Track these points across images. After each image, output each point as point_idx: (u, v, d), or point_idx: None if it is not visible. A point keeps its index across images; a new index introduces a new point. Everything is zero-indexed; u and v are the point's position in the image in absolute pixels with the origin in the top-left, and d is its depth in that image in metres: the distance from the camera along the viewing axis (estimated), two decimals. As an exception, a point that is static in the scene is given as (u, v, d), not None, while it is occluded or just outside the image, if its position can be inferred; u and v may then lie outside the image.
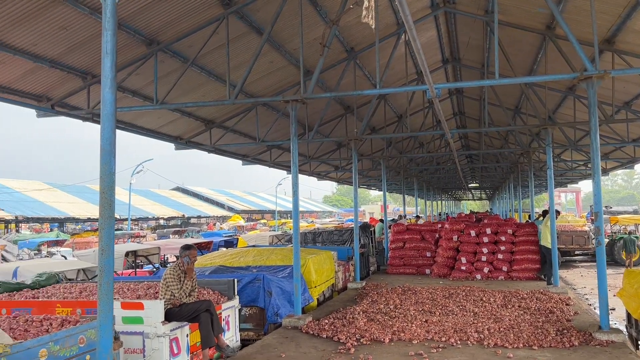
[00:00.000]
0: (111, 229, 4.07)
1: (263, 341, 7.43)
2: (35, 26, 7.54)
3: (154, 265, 13.71)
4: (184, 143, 13.89)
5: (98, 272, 4.01)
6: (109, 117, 4.11)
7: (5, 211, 32.87)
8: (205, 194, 66.04)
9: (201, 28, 8.87)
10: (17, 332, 4.64)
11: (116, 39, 4.19)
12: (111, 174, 4.08)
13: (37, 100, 9.55)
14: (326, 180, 28.91)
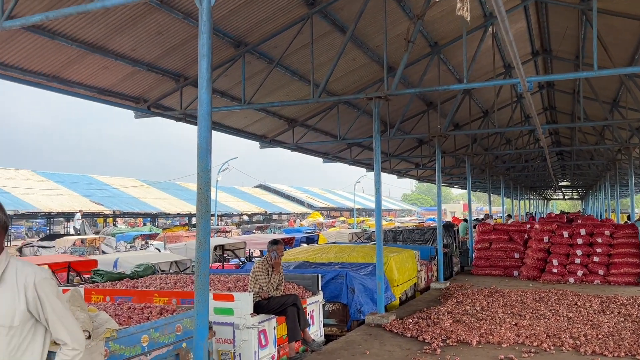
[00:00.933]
0: (207, 223, 4.26)
1: (347, 337, 7.48)
2: (134, 32, 8.05)
3: (240, 259, 14.21)
4: (268, 141, 14.28)
5: (195, 263, 4.22)
6: (205, 117, 4.31)
7: (104, 206, 35.44)
8: (285, 191, 67.49)
9: (286, 29, 9.06)
10: (122, 318, 4.99)
11: (211, 42, 4.38)
12: (207, 171, 4.28)
13: (135, 102, 10.20)
14: (406, 177, 28.57)
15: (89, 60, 8.39)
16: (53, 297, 2.42)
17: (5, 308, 2.29)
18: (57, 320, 2.42)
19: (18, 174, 36.35)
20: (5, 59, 7.74)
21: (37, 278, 2.38)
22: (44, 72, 8.34)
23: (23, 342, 2.35)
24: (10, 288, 2.33)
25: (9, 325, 2.29)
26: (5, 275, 2.34)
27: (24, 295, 2.34)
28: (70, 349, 2.47)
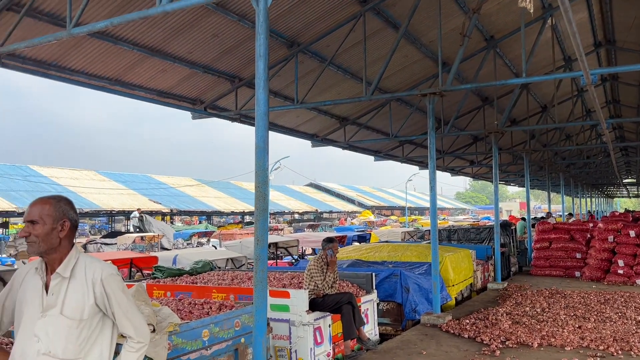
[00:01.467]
0: (265, 221, 4.33)
1: (402, 337, 7.41)
2: (190, 36, 8.28)
3: (293, 256, 14.34)
4: (319, 140, 14.34)
5: (254, 260, 4.29)
6: (263, 117, 4.37)
7: (162, 204, 36.62)
8: (336, 189, 67.58)
9: (338, 27, 9.07)
10: (183, 313, 5.13)
11: (268, 42, 4.44)
12: (265, 170, 4.34)
13: (192, 103, 10.49)
14: (460, 175, 27.98)
15: (148, 64, 8.70)
16: (119, 292, 2.52)
17: (75, 302, 2.40)
18: (123, 315, 2.52)
19: (82, 174, 38.14)
20: (72, 65, 8.14)
21: (104, 274, 2.48)
22: (107, 76, 8.72)
23: (92, 334, 2.45)
24: (79, 283, 2.44)
25: (79, 318, 2.40)
26: (75, 270, 2.45)
27: (92, 290, 2.44)
28: (135, 342, 2.56)
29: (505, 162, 23.10)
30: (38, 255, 2.46)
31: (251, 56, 9.36)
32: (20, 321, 2.43)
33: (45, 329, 2.36)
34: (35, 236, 2.39)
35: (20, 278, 2.52)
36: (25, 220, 2.43)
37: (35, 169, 35.13)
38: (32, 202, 2.49)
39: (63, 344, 2.36)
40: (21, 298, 2.46)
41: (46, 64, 7.81)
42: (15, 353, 2.39)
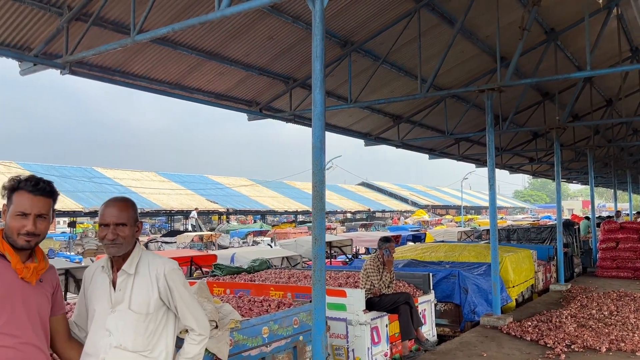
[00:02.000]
0: (322, 220, 4.36)
1: (461, 338, 7.27)
2: (247, 39, 8.44)
3: (347, 256, 14.36)
4: (373, 139, 14.26)
5: (312, 259, 4.33)
6: (319, 117, 4.41)
7: (219, 204, 37.56)
8: (388, 188, 67.06)
9: (392, 25, 9.00)
10: (243, 310, 5.25)
11: (324, 43, 4.47)
12: (322, 170, 4.37)
13: (247, 105, 10.69)
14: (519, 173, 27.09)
15: (207, 67, 8.94)
16: (181, 286, 2.61)
17: (141, 297, 2.51)
18: (185, 308, 2.61)
19: (143, 175, 39.68)
20: (134, 70, 8.47)
21: (166, 269, 2.58)
22: (167, 81, 9.02)
23: (158, 327, 2.55)
24: (144, 279, 2.54)
25: (145, 312, 2.50)
26: (139, 267, 2.56)
27: (156, 284, 2.54)
28: (197, 334, 2.65)
29: (567, 159, 22.18)
30: (115, 255, 2.56)
31: (305, 57, 9.44)
32: (92, 316, 2.55)
33: (115, 323, 2.47)
34: (122, 238, 2.50)
35: (89, 277, 2.65)
36: (110, 222, 2.50)
37: (99, 170, 36.86)
38: (111, 205, 2.56)
39: (132, 337, 2.47)
40: (91, 295, 2.58)
41: (111, 70, 8.17)
42: (88, 347, 2.52)
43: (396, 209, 58.51)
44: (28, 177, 2.31)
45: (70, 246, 25.29)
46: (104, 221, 2.52)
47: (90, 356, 2.47)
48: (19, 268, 2.24)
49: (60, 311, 2.52)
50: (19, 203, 2.25)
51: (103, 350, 2.44)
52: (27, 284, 2.27)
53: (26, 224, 2.23)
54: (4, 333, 2.16)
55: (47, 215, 2.30)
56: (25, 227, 2.23)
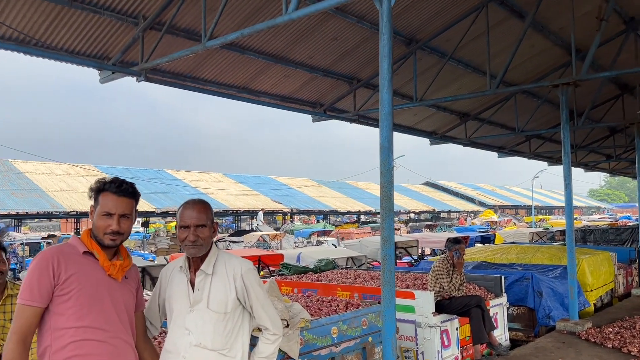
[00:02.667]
0: (391, 220, 4.32)
1: (536, 343, 6.98)
2: (311, 41, 8.52)
3: (413, 257, 14.16)
4: (438, 137, 14.00)
5: (381, 260, 4.31)
6: (387, 117, 4.37)
7: (283, 204, 38.15)
8: (454, 188, 65.52)
9: (459, 20, 8.79)
10: (312, 309, 5.29)
11: (392, 42, 4.43)
12: (390, 170, 4.34)
13: (312, 107, 10.79)
14: (594, 171, 25.71)
15: (272, 71, 9.10)
16: (256, 286, 2.66)
17: (219, 296, 2.57)
18: (260, 308, 2.65)
19: (211, 177, 40.98)
20: (204, 75, 8.76)
21: (243, 269, 2.64)
22: (235, 85, 9.26)
23: (235, 326, 2.61)
24: (221, 279, 2.60)
25: (224, 311, 2.56)
26: (216, 267, 2.62)
27: (234, 284, 2.59)
28: (271, 333, 2.69)
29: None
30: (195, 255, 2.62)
31: (369, 57, 9.41)
32: (171, 316, 2.64)
33: (194, 322, 2.54)
34: (202, 239, 2.57)
35: (167, 276, 2.73)
36: (190, 224, 2.56)
37: (170, 172, 38.41)
38: (190, 207, 2.63)
39: (211, 336, 2.53)
40: (169, 294, 2.66)
41: (182, 76, 8.49)
42: (168, 344, 2.61)
43: (462, 209, 57.08)
44: (112, 179, 2.43)
45: (144, 245, 26.51)
46: (184, 223, 2.58)
47: (171, 353, 2.56)
48: (106, 265, 2.37)
49: (140, 308, 2.63)
50: (104, 204, 2.38)
51: (183, 349, 2.52)
52: (114, 281, 2.39)
53: (111, 223, 2.35)
54: (96, 327, 2.29)
55: (130, 215, 2.42)
56: (110, 227, 2.35)
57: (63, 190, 27.82)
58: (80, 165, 32.30)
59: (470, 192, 64.82)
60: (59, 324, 2.25)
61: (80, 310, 2.26)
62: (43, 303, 2.24)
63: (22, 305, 2.22)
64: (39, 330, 2.29)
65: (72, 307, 2.25)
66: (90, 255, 2.37)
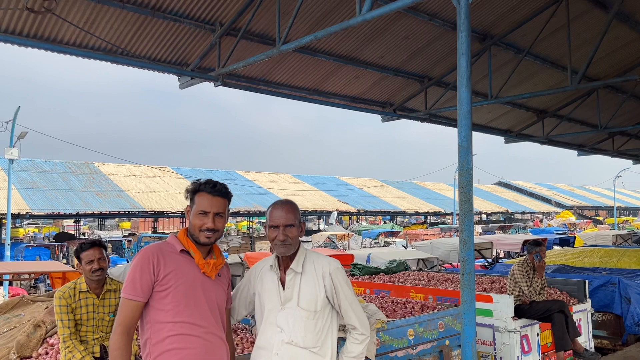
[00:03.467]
0: (471, 222, 4.23)
1: (625, 352, 6.59)
2: (382, 41, 8.48)
3: (487, 259, 13.75)
4: (513, 136, 13.52)
5: (460, 263, 4.22)
6: (466, 115, 4.28)
7: (350, 205, 38.18)
8: (528, 188, 62.93)
9: (536, 14, 8.45)
10: (387, 310, 5.27)
11: (470, 40, 4.34)
12: (469, 170, 4.24)
13: (381, 107, 10.74)
14: (686, 170, 23.85)
15: (343, 72, 9.15)
16: (345, 285, 2.67)
17: (309, 295, 2.61)
18: (349, 307, 2.66)
19: (279, 177, 41.71)
20: (276, 79, 8.95)
21: (331, 268, 2.66)
22: (306, 87, 9.39)
23: (325, 324, 2.64)
24: (310, 277, 2.63)
25: (314, 309, 2.59)
26: (305, 266, 2.66)
27: (323, 282, 2.62)
28: (359, 333, 2.69)
29: None
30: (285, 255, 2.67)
31: (441, 54, 9.25)
32: (262, 313, 2.70)
33: (285, 320, 2.59)
34: (291, 238, 2.63)
35: (257, 274, 2.79)
36: (280, 224, 2.62)
37: (240, 173, 39.47)
38: (279, 207, 2.68)
39: (302, 334, 2.57)
40: (260, 292, 2.73)
41: (256, 80, 8.71)
42: (261, 341, 2.67)
43: (537, 210, 54.71)
44: (207, 180, 2.55)
45: (217, 244, 27.37)
46: (273, 223, 2.65)
47: (264, 349, 2.63)
48: (201, 264, 2.48)
49: (229, 305, 2.73)
50: (200, 203, 2.50)
51: (276, 346, 2.58)
52: (208, 279, 2.50)
53: (206, 221, 2.47)
54: (192, 323, 2.41)
55: (223, 214, 2.53)
56: (205, 224, 2.47)
57: (142, 191, 29.30)
58: (158, 167, 33.89)
59: (546, 193, 62.02)
60: (158, 318, 2.39)
61: (177, 306, 2.39)
62: (144, 298, 2.38)
63: (125, 299, 2.38)
64: (140, 322, 2.44)
65: (170, 303, 2.38)
66: (186, 254, 2.49)
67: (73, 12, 6.33)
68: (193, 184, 2.57)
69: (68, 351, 3.05)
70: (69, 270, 6.83)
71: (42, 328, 3.78)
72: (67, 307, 3.10)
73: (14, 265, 8.36)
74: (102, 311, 3.24)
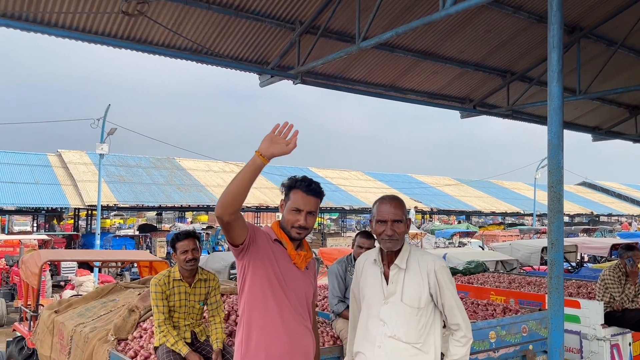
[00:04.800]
0: (560, 223, 4.05)
1: None
2: (462, 35, 8.25)
3: (570, 263, 13.06)
4: (602, 133, 12.74)
5: (548, 265, 4.06)
6: (557, 111, 4.10)
7: (423, 203, 37.55)
8: (616, 189, 59.03)
9: (632, 4, 7.89)
10: (468, 312, 5.14)
11: (562, 32, 4.14)
12: (560, 169, 4.06)
13: (460, 103, 10.47)
14: None
15: (421, 68, 9.00)
16: (450, 283, 2.64)
17: (412, 291, 2.60)
18: (455, 306, 2.63)
19: (351, 174, 41.75)
20: (353, 76, 8.95)
21: (436, 265, 2.64)
22: (383, 83, 9.33)
23: (428, 322, 2.62)
24: (415, 274, 2.62)
25: (417, 306, 2.58)
26: (409, 262, 2.64)
27: (427, 280, 2.60)
28: (462, 335, 2.65)
29: None
30: (391, 250, 2.67)
31: (525, 48, 8.87)
32: (363, 305, 2.73)
33: (388, 314, 2.60)
34: (398, 234, 2.63)
35: (360, 267, 2.83)
36: (388, 219, 2.63)
37: (313, 170, 39.87)
38: (387, 202, 2.70)
39: (405, 329, 2.57)
40: (363, 284, 2.76)
41: (333, 77, 8.76)
42: (364, 333, 2.68)
43: (626, 212, 51.23)
44: (302, 178, 2.61)
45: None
46: (381, 218, 2.65)
47: (367, 341, 2.65)
48: (292, 254, 2.55)
49: (315, 298, 2.78)
50: (294, 200, 2.56)
51: (379, 339, 2.60)
52: (297, 270, 2.57)
53: (299, 218, 2.53)
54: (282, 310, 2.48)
55: (315, 212, 2.58)
56: (298, 222, 2.53)
57: (220, 185, 30.36)
58: (234, 163, 34.97)
59: (636, 194, 57.91)
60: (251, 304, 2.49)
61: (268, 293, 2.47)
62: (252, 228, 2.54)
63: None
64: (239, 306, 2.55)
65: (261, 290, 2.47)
66: (279, 244, 2.57)
67: (162, 14, 6.66)
68: (290, 180, 2.64)
69: (162, 335, 3.23)
70: (156, 259, 7.23)
71: (136, 313, 4.03)
72: (162, 293, 3.29)
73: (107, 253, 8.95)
74: (193, 299, 3.40)
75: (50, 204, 24.96)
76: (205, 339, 3.44)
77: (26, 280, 6.38)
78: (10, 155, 27.96)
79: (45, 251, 7.59)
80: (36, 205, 25.28)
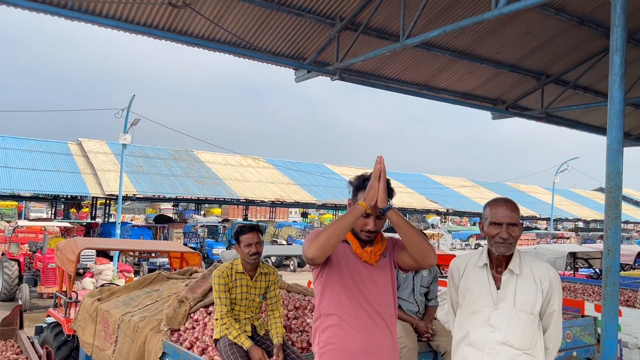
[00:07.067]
0: (617, 229, 3.99)
1: None
2: (501, 35, 8.17)
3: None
4: (633, 139, 12.57)
5: (603, 272, 4.00)
6: (618, 115, 4.04)
7: (439, 204, 37.37)
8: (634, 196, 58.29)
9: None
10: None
11: (626, 35, 4.07)
12: (619, 174, 4.00)
13: (492, 103, 10.37)
14: None
15: (456, 67, 8.93)
16: (560, 292, 2.60)
17: (526, 296, 2.52)
18: (559, 315, 2.58)
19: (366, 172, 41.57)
20: (388, 74, 8.90)
21: (551, 274, 2.58)
22: (416, 82, 9.27)
23: (536, 328, 2.56)
24: (528, 280, 2.54)
25: (530, 312, 2.52)
26: (522, 268, 2.56)
27: (541, 287, 2.53)
28: (553, 345, 2.63)
29: None
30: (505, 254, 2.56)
31: (562, 51, 8.77)
32: (466, 308, 2.64)
33: (500, 320, 2.52)
34: (513, 238, 2.54)
35: (461, 269, 2.71)
36: (504, 222, 2.53)
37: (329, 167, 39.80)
38: (502, 205, 2.60)
39: (519, 335, 2.50)
40: (463, 287, 2.66)
41: (368, 75, 8.72)
42: (467, 337, 2.59)
43: (642, 220, 50.57)
44: (369, 177, 2.52)
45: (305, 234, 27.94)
46: (497, 220, 2.55)
47: (473, 347, 2.57)
48: (359, 252, 2.51)
49: None
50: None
51: (489, 345, 2.52)
52: (369, 266, 2.52)
53: (369, 222, 2.48)
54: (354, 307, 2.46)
55: (383, 216, 2.48)
56: (367, 226, 2.49)
57: (237, 179, 30.44)
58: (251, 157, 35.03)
59: (653, 202, 57.15)
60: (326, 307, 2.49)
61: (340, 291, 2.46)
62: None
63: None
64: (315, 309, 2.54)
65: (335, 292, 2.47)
66: (346, 244, 2.55)
67: (205, 6, 6.66)
68: (357, 179, 2.59)
69: (225, 327, 3.23)
70: (188, 251, 7.25)
71: (186, 304, 4.03)
72: (224, 285, 3.28)
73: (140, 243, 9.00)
74: (254, 292, 3.39)
75: (71, 192, 25.18)
76: (264, 333, 3.43)
77: (62, 266, 6.43)
78: (31, 142, 28.23)
79: (81, 239, 7.66)
80: (57, 192, 25.52)
